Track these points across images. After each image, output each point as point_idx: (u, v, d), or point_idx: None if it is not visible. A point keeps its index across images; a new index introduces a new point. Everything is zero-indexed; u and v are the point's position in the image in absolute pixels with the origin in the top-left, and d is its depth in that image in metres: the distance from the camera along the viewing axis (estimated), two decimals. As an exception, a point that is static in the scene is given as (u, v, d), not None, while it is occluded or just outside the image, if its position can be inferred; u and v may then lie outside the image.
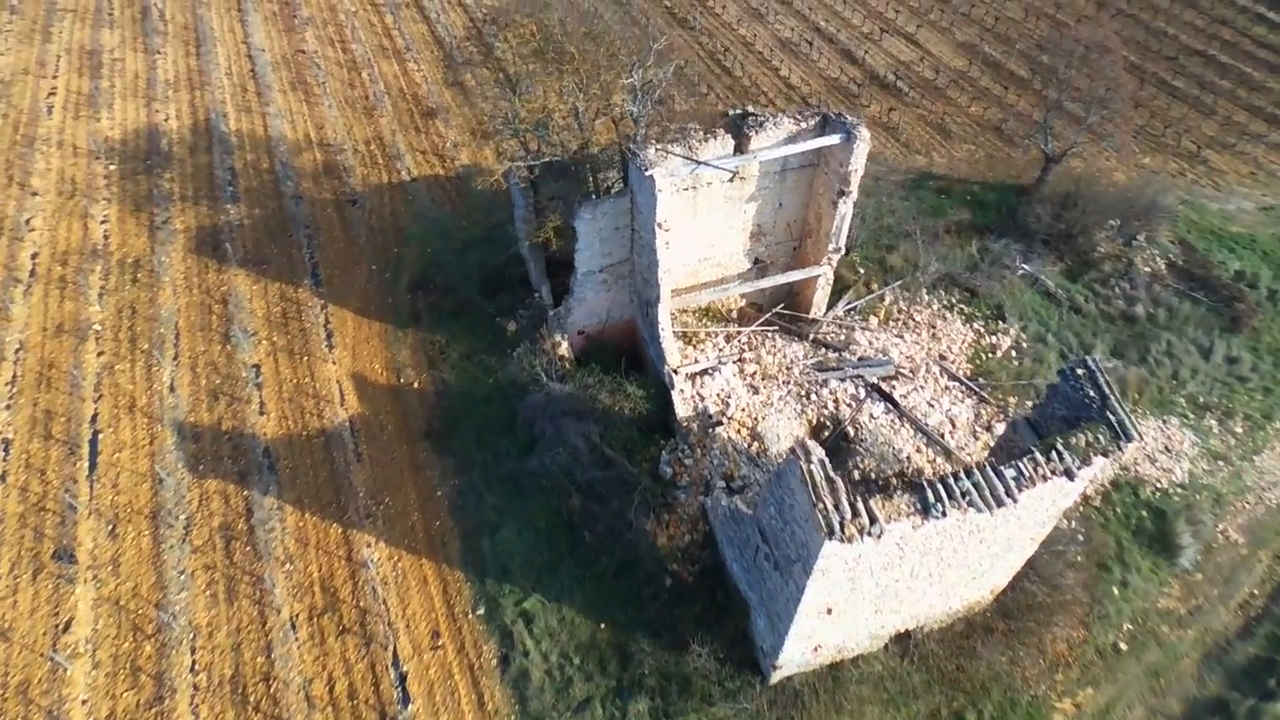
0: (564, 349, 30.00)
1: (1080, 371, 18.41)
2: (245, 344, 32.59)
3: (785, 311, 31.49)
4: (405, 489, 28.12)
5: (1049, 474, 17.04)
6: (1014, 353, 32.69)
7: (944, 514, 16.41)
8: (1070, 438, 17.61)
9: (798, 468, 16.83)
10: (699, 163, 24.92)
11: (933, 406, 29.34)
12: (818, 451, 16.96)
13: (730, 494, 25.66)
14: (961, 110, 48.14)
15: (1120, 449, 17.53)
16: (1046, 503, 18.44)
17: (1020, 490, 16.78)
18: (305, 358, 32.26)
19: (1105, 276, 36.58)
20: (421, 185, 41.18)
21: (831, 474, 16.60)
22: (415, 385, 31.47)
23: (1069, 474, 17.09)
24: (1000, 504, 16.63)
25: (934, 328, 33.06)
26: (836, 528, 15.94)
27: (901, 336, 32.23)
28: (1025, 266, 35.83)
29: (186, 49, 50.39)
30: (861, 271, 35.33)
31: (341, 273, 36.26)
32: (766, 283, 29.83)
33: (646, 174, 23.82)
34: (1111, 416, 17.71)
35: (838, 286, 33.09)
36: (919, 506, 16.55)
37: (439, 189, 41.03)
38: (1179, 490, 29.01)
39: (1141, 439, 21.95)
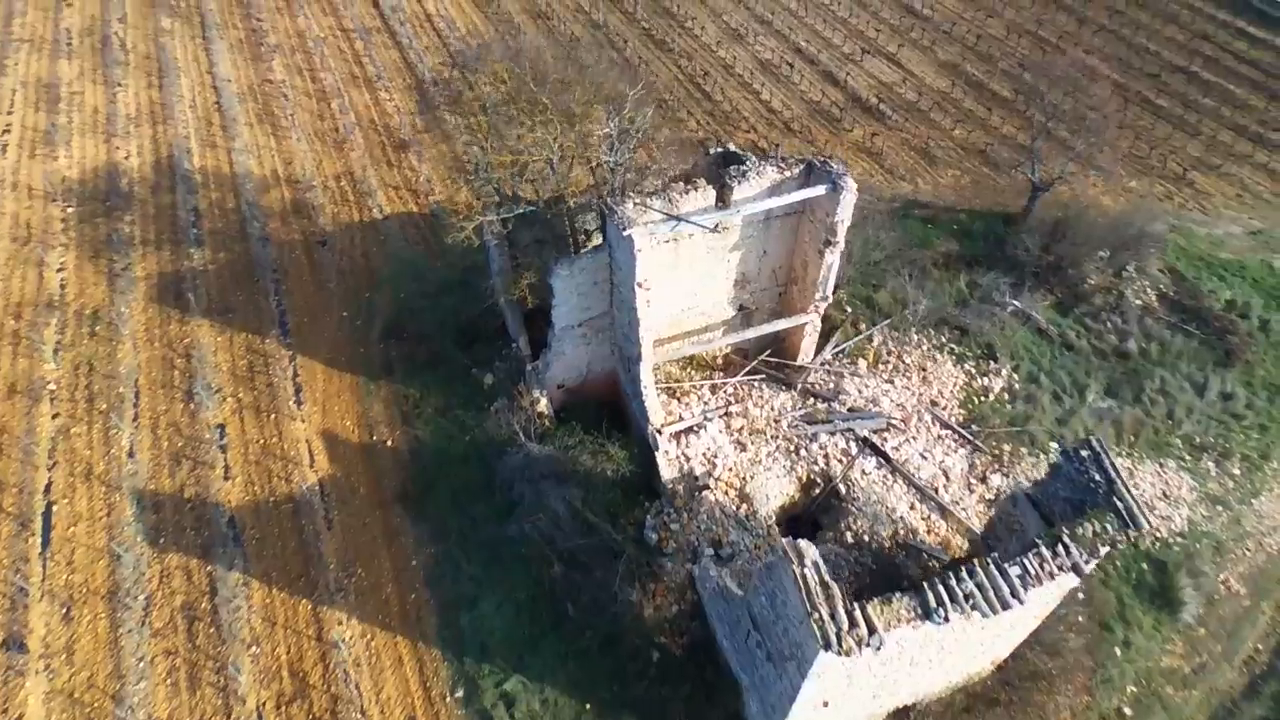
0: (543, 405, 28.80)
1: (1084, 453, 17.46)
2: (209, 402, 31.13)
3: (772, 359, 30.44)
4: (378, 558, 26.82)
5: (1056, 570, 16.07)
6: (1006, 395, 31.84)
7: (946, 619, 15.39)
8: (1077, 527, 16.65)
9: (790, 569, 15.75)
10: (679, 219, 23.82)
11: (925, 458, 28.39)
12: (811, 553, 15.89)
13: (719, 562, 24.57)
14: (945, 134, 47.39)
15: (1129, 539, 16.58)
16: (1052, 592, 17.49)
17: (1026, 589, 15.79)
18: (273, 415, 30.86)
19: (1096, 310, 35.87)
20: (394, 223, 39.83)
21: (827, 578, 15.54)
22: (388, 443, 30.16)
23: (1077, 570, 16.13)
24: (1005, 606, 15.63)
25: (924, 370, 32.15)
26: (833, 640, 14.88)
27: (892, 381, 31.27)
28: (1015, 303, 35.01)
29: (149, 80, 48.70)
30: (849, 310, 34.38)
31: (311, 321, 34.85)
32: (752, 333, 28.78)
33: (625, 234, 22.69)
34: (1119, 503, 16.76)
35: (825, 327, 32.07)
36: (920, 611, 15.52)
37: (412, 227, 39.70)
38: (1179, 540, 28.24)
39: (1144, 517, 20.96)
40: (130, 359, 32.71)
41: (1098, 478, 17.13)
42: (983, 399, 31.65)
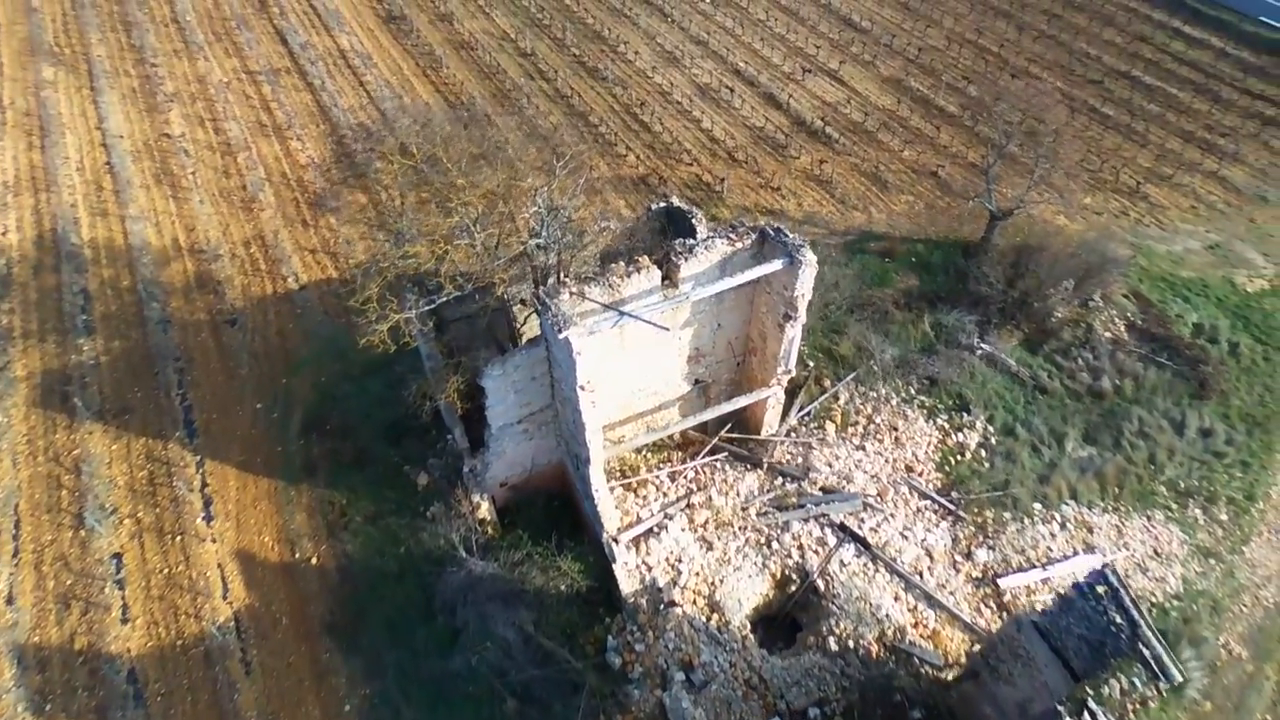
0: (484, 510, 25.79)
1: (1100, 589, 15.26)
2: (103, 527, 27.34)
3: (733, 436, 27.95)
4: (305, 705, 23.53)
5: (1085, 745, 13.78)
6: (983, 452, 29.91)
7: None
8: (1101, 685, 14.40)
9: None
10: (623, 314, 21.05)
11: (906, 538, 26.18)
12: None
13: (691, 689, 21.94)
14: (895, 156, 45.53)
15: (1161, 692, 14.40)
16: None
17: (1054, 775, 13.47)
18: (178, 537, 27.22)
19: (1066, 346, 34.27)
20: (312, 294, 36.21)
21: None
22: (313, 560, 26.80)
23: (1108, 742, 13.88)
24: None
25: (896, 430, 30.02)
26: None
27: (863, 447, 29.05)
28: (984, 345, 33.16)
29: (29, 141, 43.99)
30: (810, 365, 32.10)
31: (221, 416, 31.16)
32: (711, 413, 26.18)
33: (561, 336, 19.85)
34: (1146, 651, 14.56)
35: (788, 386, 29.73)
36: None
37: (332, 297, 36.08)
38: (1175, 603, 26.59)
39: (1177, 669, 18.95)
40: (8, 479, 28.67)
41: (1119, 620, 14.94)
42: (959, 458, 29.66)
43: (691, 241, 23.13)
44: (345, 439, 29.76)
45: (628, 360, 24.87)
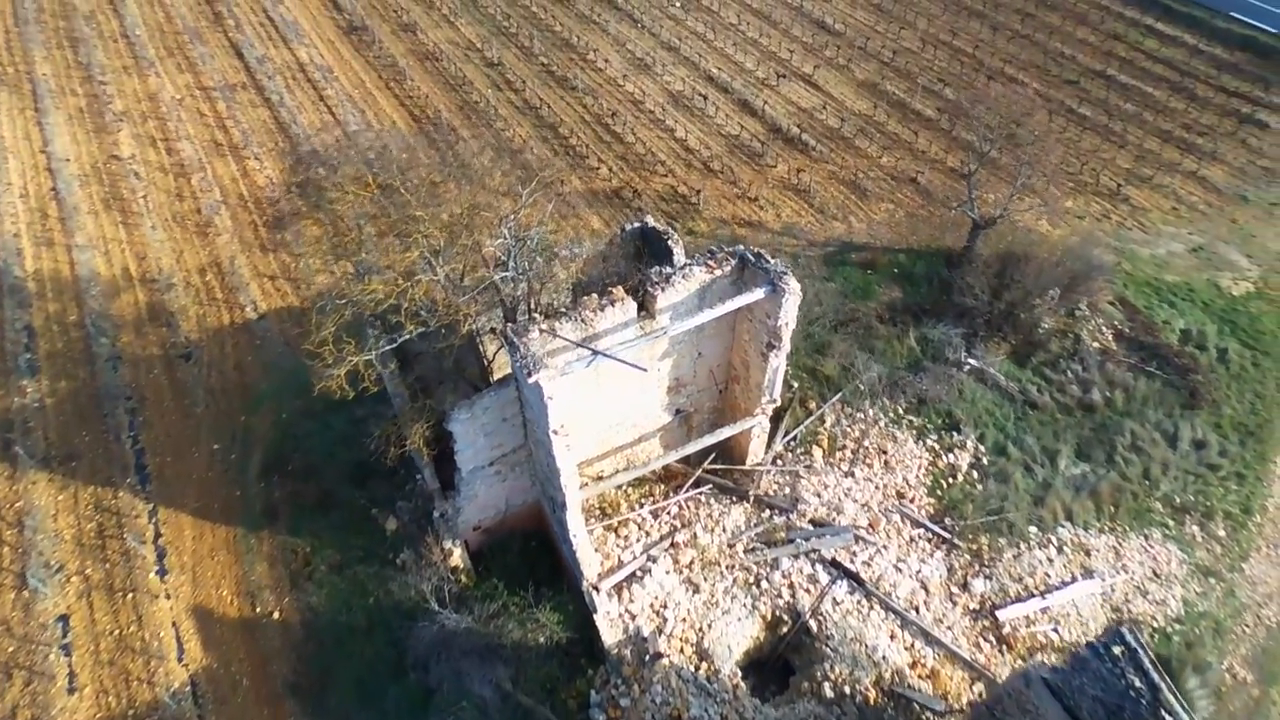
0: (457, 558, 24.34)
1: (1117, 650, 14.19)
2: (48, 587, 25.54)
3: (717, 467, 26.71)
4: (270, 776, 21.97)
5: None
6: (975, 473, 28.93)
7: None
8: (1123, 757, 13.31)
9: None
10: (597, 353, 19.72)
11: (901, 570, 25.10)
12: None
13: (681, 746, 20.66)
14: (873, 162, 44.58)
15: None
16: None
17: None
18: (129, 594, 25.49)
19: (1054, 358, 33.41)
20: (271, 323, 34.49)
21: None
22: (275, 614, 25.19)
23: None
24: None
25: (885, 453, 28.95)
26: None
27: (852, 474, 27.94)
28: (971, 360, 32.21)
29: (-32, 166, 41.80)
30: (794, 386, 30.94)
31: (175, 460, 29.41)
32: (693, 446, 24.92)
33: (531, 380, 18.48)
34: (1169, 718, 13.48)
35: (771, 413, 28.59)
36: None
37: (294, 325, 34.34)
38: (1176, 626, 25.74)
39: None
40: (-55, 537, 26.76)
41: (1138, 684, 13.86)
42: (951, 481, 28.66)
43: (668, 270, 21.84)
44: (308, 480, 28.17)
45: (604, 394, 23.54)
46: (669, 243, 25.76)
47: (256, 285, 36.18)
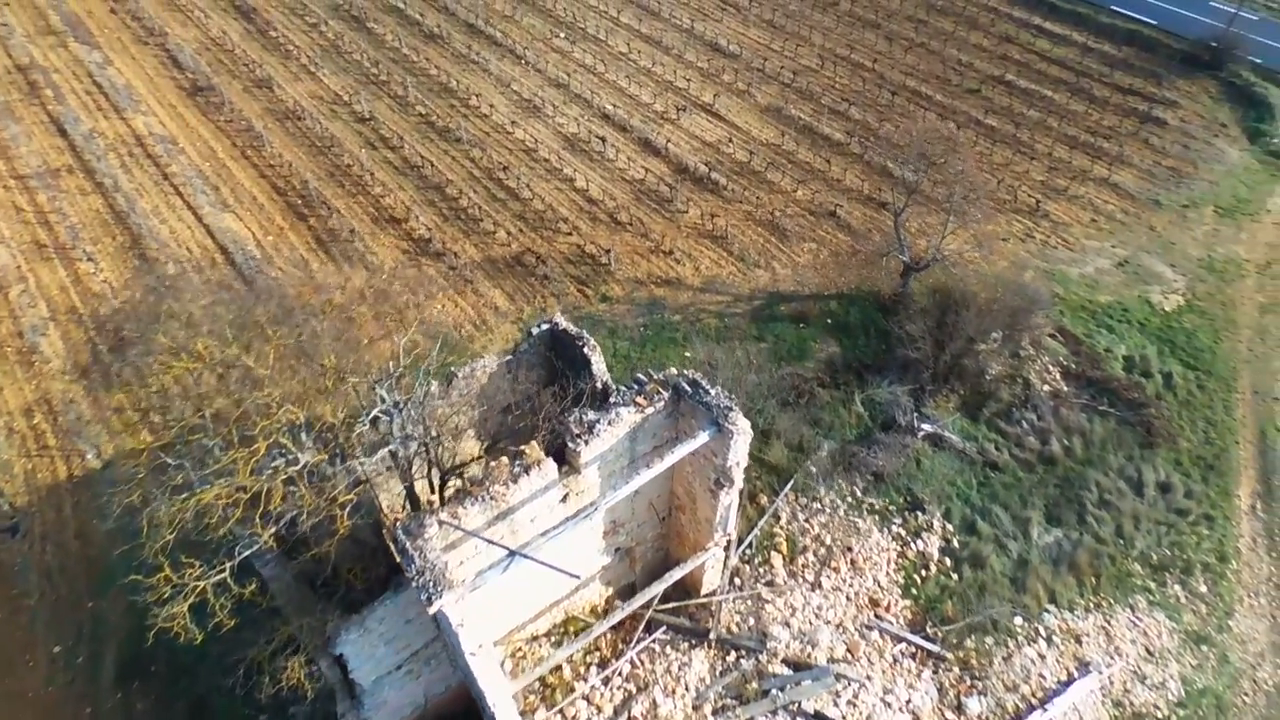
0: (372, 777, 19.88)
1: None
2: None
3: (669, 605, 23.10)
4: None
5: None
6: (948, 560, 26.43)
7: None
8: None
9: None
10: (514, 553, 15.75)
11: (889, 704, 22.18)
12: None
13: None
14: (789, 198, 41.92)
15: None
16: None
17: None
18: None
19: (1006, 407, 31.45)
20: (120, 472, 28.73)
21: None
22: None
23: None
24: None
25: (850, 551, 26.07)
26: None
27: (819, 585, 24.90)
28: (925, 426, 29.76)
29: None
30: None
31: (3, 674, 23.70)
32: (640, 599, 21.17)
33: (434, 609, 14.38)
34: None
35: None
36: None
37: (150, 472, 28.77)
38: (1180, 713, 23.80)
39: None
40: None
41: None
42: (924, 573, 26.03)
43: (591, 417, 18.03)
44: (177, 684, 23.17)
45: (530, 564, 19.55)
46: (584, 349, 21.99)
47: (99, 424, 30.33)
